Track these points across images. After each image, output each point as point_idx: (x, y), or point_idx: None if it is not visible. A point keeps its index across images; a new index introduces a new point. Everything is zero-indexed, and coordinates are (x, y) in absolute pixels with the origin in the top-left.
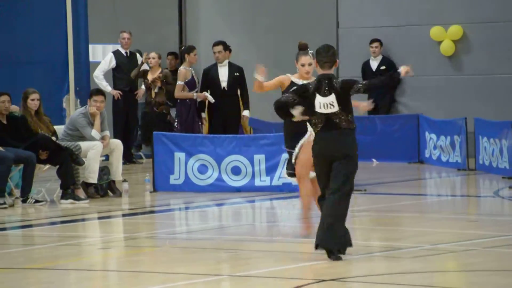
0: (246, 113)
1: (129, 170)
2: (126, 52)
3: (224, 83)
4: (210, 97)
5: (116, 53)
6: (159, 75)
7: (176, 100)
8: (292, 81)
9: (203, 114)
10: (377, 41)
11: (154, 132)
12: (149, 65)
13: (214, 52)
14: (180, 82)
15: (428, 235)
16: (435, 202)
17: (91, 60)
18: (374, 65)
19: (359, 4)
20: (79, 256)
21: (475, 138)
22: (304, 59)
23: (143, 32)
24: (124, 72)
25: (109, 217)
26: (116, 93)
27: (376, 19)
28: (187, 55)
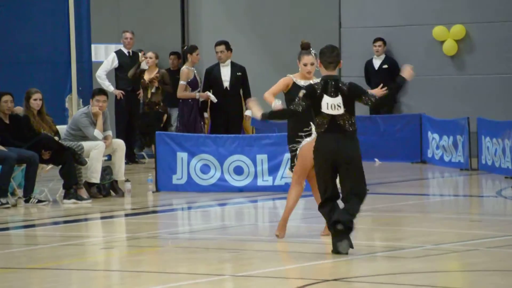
0: (248, 113)
1: (131, 170)
2: (128, 52)
3: (226, 83)
4: (212, 97)
5: (119, 53)
6: (156, 75)
7: (178, 100)
8: (295, 82)
9: (206, 114)
10: (381, 40)
11: (157, 132)
12: (146, 65)
13: (217, 52)
14: (182, 82)
15: (430, 235)
16: (438, 202)
17: (93, 60)
18: (377, 63)
19: (361, 4)
20: (82, 256)
21: (478, 138)
22: (306, 58)
23: (146, 32)
24: (126, 72)
25: (111, 217)
26: (119, 93)
27: (378, 19)
28: (189, 55)
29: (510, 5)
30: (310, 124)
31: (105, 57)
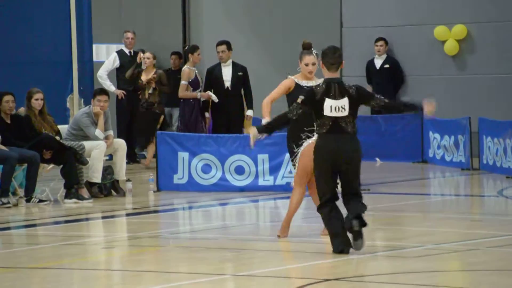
0: (249, 112)
1: (132, 170)
2: (130, 52)
3: (227, 83)
4: (214, 96)
5: (120, 52)
6: (154, 76)
7: (180, 99)
8: (297, 83)
9: (207, 114)
10: (382, 40)
11: (158, 132)
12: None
13: (218, 52)
14: (184, 82)
15: (431, 234)
16: (439, 202)
17: (95, 59)
18: (378, 63)
19: (363, 3)
20: (83, 255)
21: (479, 137)
22: (308, 58)
23: (147, 32)
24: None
25: (112, 217)
26: (120, 92)
27: (380, 19)
28: (190, 55)
29: (511, 5)
30: (312, 125)
31: (107, 57)
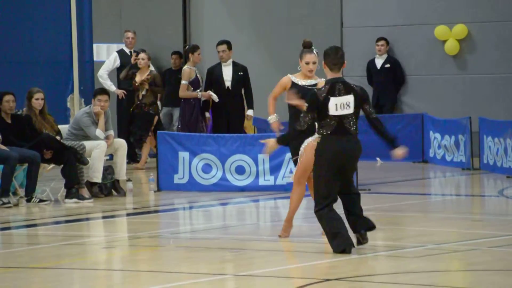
0: (250, 112)
1: (133, 170)
2: (130, 52)
3: (228, 83)
4: (214, 96)
5: (121, 52)
6: (147, 77)
7: (180, 99)
8: (293, 82)
9: (207, 114)
10: (383, 40)
11: (158, 132)
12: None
13: (218, 52)
14: (184, 82)
15: (432, 234)
16: (439, 202)
17: (95, 59)
18: (379, 63)
19: (363, 3)
20: (83, 255)
21: (480, 137)
22: (308, 57)
23: (147, 32)
24: None
25: (113, 217)
26: (120, 92)
27: (380, 19)
28: (191, 55)
29: None
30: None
31: (107, 56)
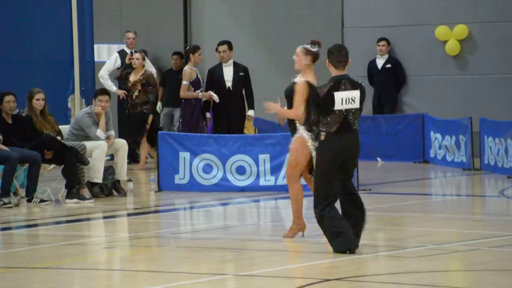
0: (251, 112)
1: (134, 170)
2: (131, 52)
3: (229, 83)
4: (215, 96)
5: (121, 53)
6: (140, 77)
7: (181, 100)
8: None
9: (208, 114)
10: (384, 40)
11: (159, 132)
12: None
13: (219, 52)
14: (185, 82)
15: (432, 234)
16: (440, 202)
17: (96, 60)
18: (380, 63)
19: (364, 3)
20: (84, 255)
21: (480, 137)
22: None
23: (148, 32)
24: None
25: (114, 217)
26: (121, 93)
27: (381, 19)
28: (192, 55)
29: None
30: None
31: (108, 57)
